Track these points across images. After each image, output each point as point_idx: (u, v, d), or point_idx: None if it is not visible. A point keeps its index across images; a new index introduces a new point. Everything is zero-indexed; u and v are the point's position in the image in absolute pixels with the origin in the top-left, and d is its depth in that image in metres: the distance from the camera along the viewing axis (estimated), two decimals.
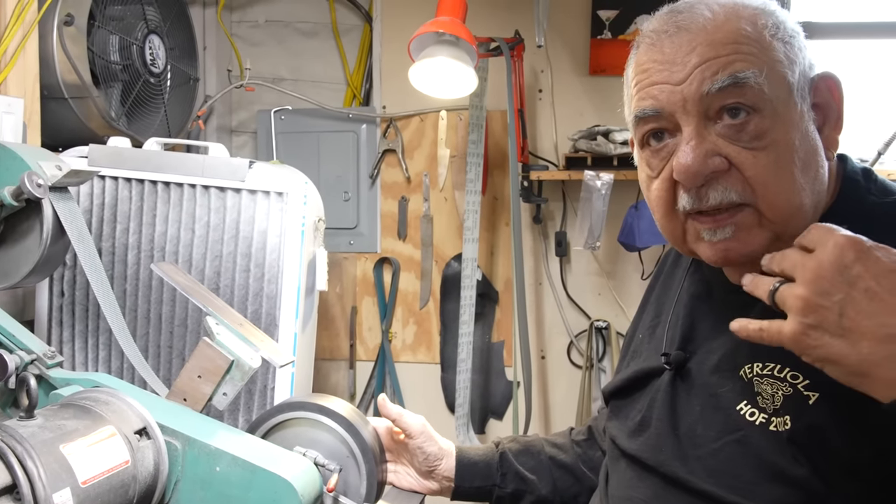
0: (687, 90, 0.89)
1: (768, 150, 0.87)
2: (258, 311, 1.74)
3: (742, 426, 0.88)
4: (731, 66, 0.87)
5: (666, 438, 0.97)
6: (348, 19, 2.80)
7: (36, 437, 0.81)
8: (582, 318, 2.65)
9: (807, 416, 0.84)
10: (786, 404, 0.86)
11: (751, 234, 0.90)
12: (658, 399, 1.01)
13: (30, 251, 1.28)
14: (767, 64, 0.88)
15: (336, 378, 2.79)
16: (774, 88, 0.87)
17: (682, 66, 0.89)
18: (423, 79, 2.15)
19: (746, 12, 0.91)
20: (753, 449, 0.87)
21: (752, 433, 0.88)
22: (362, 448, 1.08)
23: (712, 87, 0.87)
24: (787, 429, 0.85)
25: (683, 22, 0.91)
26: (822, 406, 0.83)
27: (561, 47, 2.59)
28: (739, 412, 0.89)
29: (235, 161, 1.76)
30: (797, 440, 0.84)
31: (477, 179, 2.48)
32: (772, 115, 0.87)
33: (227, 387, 1.05)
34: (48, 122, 1.86)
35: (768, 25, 0.90)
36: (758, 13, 0.91)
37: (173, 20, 2.32)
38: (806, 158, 0.89)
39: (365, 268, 2.77)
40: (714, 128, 0.89)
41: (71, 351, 1.80)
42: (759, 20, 0.90)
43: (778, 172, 0.87)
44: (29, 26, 1.77)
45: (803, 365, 0.80)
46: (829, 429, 0.82)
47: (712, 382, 0.94)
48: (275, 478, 0.93)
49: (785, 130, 0.88)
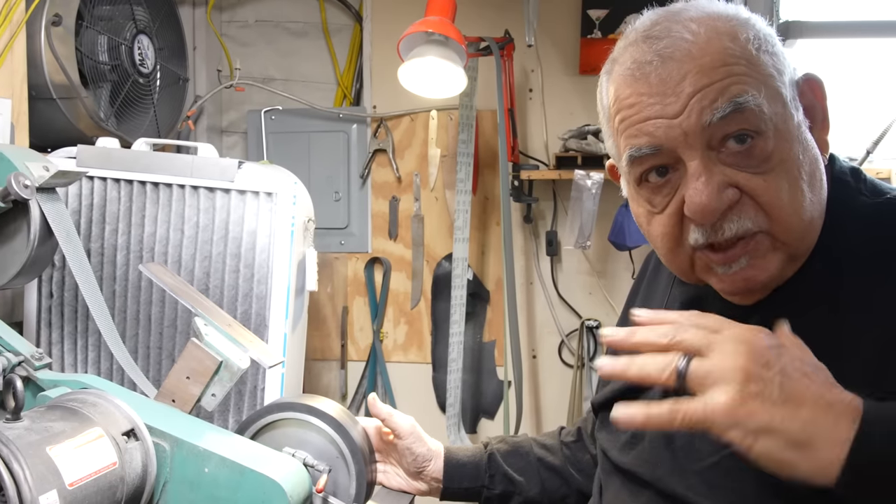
0: (686, 123, 0.84)
1: (777, 172, 0.84)
2: (248, 311, 1.74)
3: None
4: (728, 90, 0.83)
5: (661, 452, 0.95)
6: (338, 19, 2.80)
7: (22, 438, 0.80)
8: (573, 317, 2.65)
9: None
10: None
11: (766, 260, 0.87)
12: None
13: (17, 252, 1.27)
14: (762, 81, 0.84)
15: (327, 378, 2.79)
16: (772, 105, 0.84)
17: (675, 97, 0.84)
18: (412, 79, 2.15)
19: (725, 26, 0.86)
20: (752, 462, 0.85)
21: None
22: (351, 448, 1.08)
23: (714, 118, 0.83)
24: None
25: (666, 50, 0.85)
26: None
27: (551, 46, 2.59)
28: None
29: (225, 161, 1.76)
30: None
31: (467, 179, 2.48)
32: (774, 134, 0.84)
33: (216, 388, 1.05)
34: (36, 123, 1.85)
35: (751, 38, 0.85)
36: (736, 26, 0.86)
37: (162, 20, 2.31)
38: (811, 170, 0.86)
39: (356, 268, 2.77)
40: (719, 157, 0.85)
41: (60, 352, 1.80)
42: (739, 34, 0.86)
43: (790, 192, 0.84)
44: (16, 26, 1.76)
45: None
46: None
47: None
48: (264, 479, 0.92)
49: (788, 147, 0.85)
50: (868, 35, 2.46)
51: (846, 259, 0.87)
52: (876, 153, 2.24)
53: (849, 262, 0.87)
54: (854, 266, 0.86)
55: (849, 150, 2.35)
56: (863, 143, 2.24)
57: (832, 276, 0.87)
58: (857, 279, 0.85)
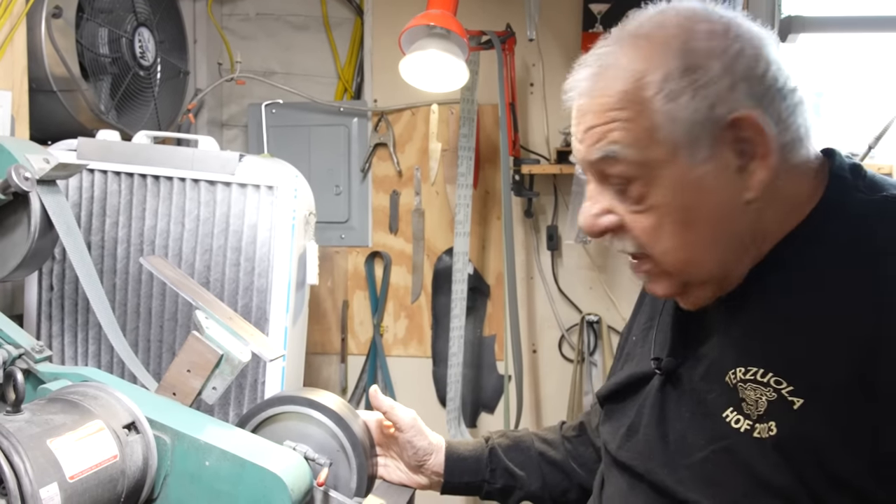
0: (581, 154, 0.91)
1: (648, 214, 0.87)
2: (248, 305, 1.73)
3: (728, 434, 0.86)
4: (607, 136, 0.87)
5: (655, 444, 0.95)
6: (339, 12, 2.79)
7: (23, 431, 0.80)
8: (573, 312, 2.65)
9: (792, 422, 0.81)
10: (770, 410, 0.83)
11: (661, 282, 0.92)
12: (647, 405, 0.99)
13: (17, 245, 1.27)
14: (644, 128, 0.84)
15: (327, 372, 2.79)
16: (651, 152, 0.85)
17: (578, 127, 0.91)
18: (413, 72, 2.15)
19: (634, 66, 0.86)
20: (741, 457, 0.84)
21: (738, 441, 0.85)
22: (352, 442, 1.08)
23: (592, 157, 0.89)
24: (773, 435, 0.82)
25: (578, 84, 0.92)
26: (807, 412, 0.80)
27: (552, 41, 2.58)
28: (725, 419, 0.86)
29: (225, 154, 1.75)
30: (782, 447, 0.81)
31: (468, 173, 2.48)
32: (648, 181, 0.86)
33: (217, 381, 1.05)
34: (37, 115, 1.85)
35: (655, 81, 0.84)
36: (647, 67, 0.85)
37: (163, 13, 2.30)
38: (697, 215, 0.86)
39: (356, 262, 2.77)
40: (609, 187, 0.90)
41: (60, 345, 1.80)
42: (646, 76, 0.85)
43: (659, 234, 0.87)
44: (17, 18, 1.76)
45: (787, 370, 0.80)
46: (816, 436, 0.79)
47: (701, 388, 0.91)
48: (264, 472, 0.92)
49: (664, 193, 0.85)
50: (870, 30, 2.46)
51: (820, 258, 0.86)
52: (878, 148, 2.23)
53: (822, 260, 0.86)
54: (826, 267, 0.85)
55: (851, 145, 2.35)
56: (865, 139, 2.24)
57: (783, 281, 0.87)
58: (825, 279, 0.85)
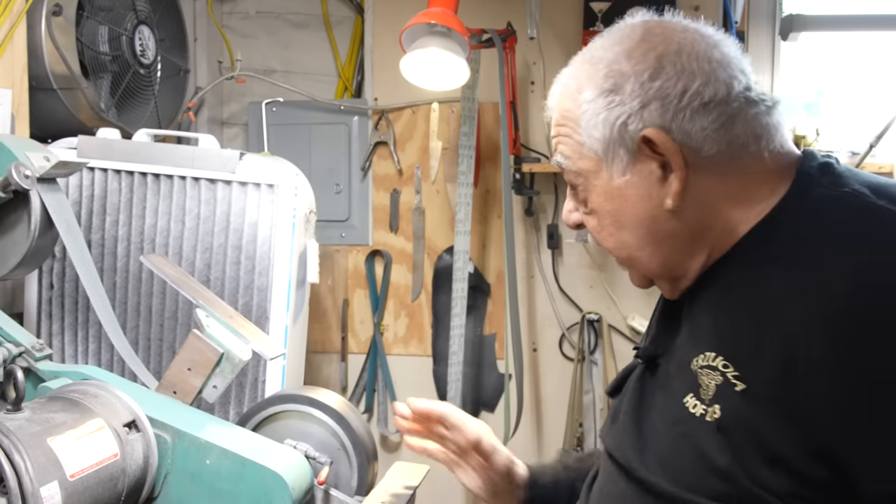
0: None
1: (592, 216, 0.98)
2: (249, 303, 1.73)
3: (686, 419, 0.88)
4: (558, 147, 0.98)
5: (630, 430, 0.98)
6: (340, 11, 2.79)
7: (23, 430, 0.80)
8: (574, 310, 2.65)
9: (734, 404, 0.83)
10: (717, 394, 0.85)
11: (630, 274, 1.03)
12: (628, 393, 1.02)
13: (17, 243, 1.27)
14: (577, 142, 0.95)
15: (328, 371, 2.79)
16: (583, 164, 0.95)
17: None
18: (414, 70, 2.14)
19: (575, 85, 0.95)
20: (694, 441, 0.87)
21: (693, 425, 0.87)
22: (353, 441, 1.08)
23: (553, 164, 1.01)
24: (716, 418, 0.84)
25: (549, 98, 1.00)
26: (747, 396, 0.82)
27: (553, 39, 2.58)
28: (685, 405, 0.89)
29: (226, 152, 1.75)
30: (724, 429, 0.84)
31: (469, 172, 2.48)
32: (587, 188, 0.97)
33: (217, 379, 1.05)
34: (37, 114, 1.84)
35: (584, 101, 0.93)
36: (581, 87, 0.94)
37: (163, 11, 2.30)
38: (625, 219, 0.95)
39: (356, 260, 2.76)
40: (572, 190, 1.00)
41: (60, 343, 1.79)
42: (579, 95, 0.94)
43: (602, 234, 0.99)
44: (17, 16, 1.75)
45: (734, 355, 0.84)
46: (754, 420, 0.81)
47: (672, 376, 0.95)
48: (265, 471, 0.92)
49: (597, 200, 0.96)
50: (872, 28, 2.45)
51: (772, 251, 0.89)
52: (879, 147, 2.23)
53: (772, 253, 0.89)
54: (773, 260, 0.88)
55: (852, 143, 2.35)
56: (866, 137, 2.24)
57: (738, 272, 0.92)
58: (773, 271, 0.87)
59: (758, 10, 2.50)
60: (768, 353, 0.81)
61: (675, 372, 0.95)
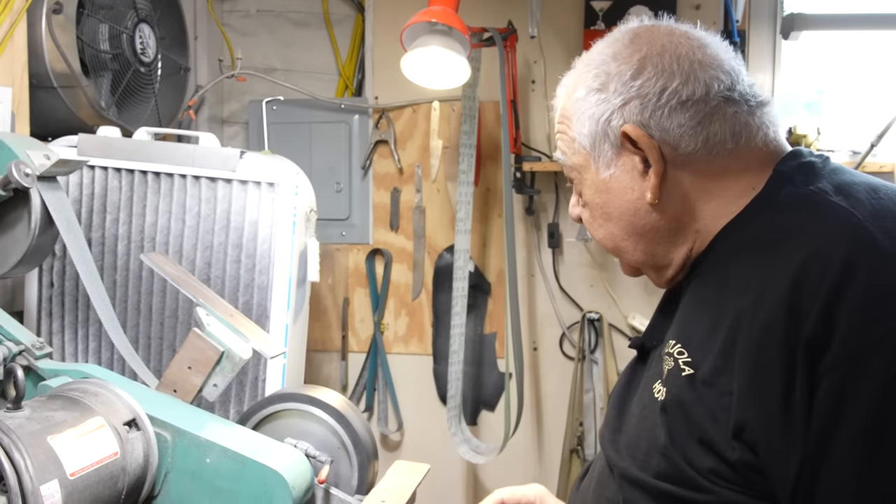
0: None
1: (585, 208, 1.05)
2: (249, 302, 1.73)
3: (650, 402, 0.93)
4: (557, 143, 1.04)
5: (613, 418, 1.03)
6: (340, 9, 2.79)
7: (23, 428, 0.80)
8: (574, 309, 2.65)
9: (677, 386, 0.88)
10: (667, 377, 0.91)
11: (621, 264, 1.08)
12: (618, 385, 1.07)
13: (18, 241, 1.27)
14: (570, 139, 1.00)
15: (328, 370, 2.79)
16: (576, 159, 1.01)
17: None
18: (415, 69, 2.14)
19: (571, 84, 1.01)
20: (649, 422, 0.92)
21: (652, 408, 0.92)
22: (354, 439, 1.08)
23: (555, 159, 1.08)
24: (661, 399, 0.90)
25: (558, 93, 1.05)
26: (692, 380, 0.87)
27: (554, 38, 2.57)
28: (653, 391, 0.93)
29: (226, 151, 1.75)
30: (665, 408, 0.89)
31: (469, 170, 2.47)
32: (580, 181, 1.03)
33: (218, 378, 1.05)
34: (37, 112, 1.84)
35: (576, 99, 0.99)
36: (576, 86, 1.00)
37: (164, 9, 2.30)
38: (612, 211, 1.00)
39: (357, 259, 2.76)
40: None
41: (61, 342, 1.79)
42: (573, 94, 1.00)
43: (593, 225, 1.05)
44: (17, 14, 1.75)
45: (689, 343, 0.89)
46: (690, 401, 0.86)
47: (653, 365, 1.00)
48: (265, 469, 0.92)
49: (588, 193, 1.02)
50: (872, 27, 2.45)
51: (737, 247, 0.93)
52: (880, 146, 2.23)
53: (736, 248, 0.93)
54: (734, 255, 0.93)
55: (853, 143, 2.34)
56: (867, 137, 2.24)
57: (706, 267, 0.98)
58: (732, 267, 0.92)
59: (759, 9, 2.50)
60: (715, 340, 0.86)
61: (654, 361, 1.00)
